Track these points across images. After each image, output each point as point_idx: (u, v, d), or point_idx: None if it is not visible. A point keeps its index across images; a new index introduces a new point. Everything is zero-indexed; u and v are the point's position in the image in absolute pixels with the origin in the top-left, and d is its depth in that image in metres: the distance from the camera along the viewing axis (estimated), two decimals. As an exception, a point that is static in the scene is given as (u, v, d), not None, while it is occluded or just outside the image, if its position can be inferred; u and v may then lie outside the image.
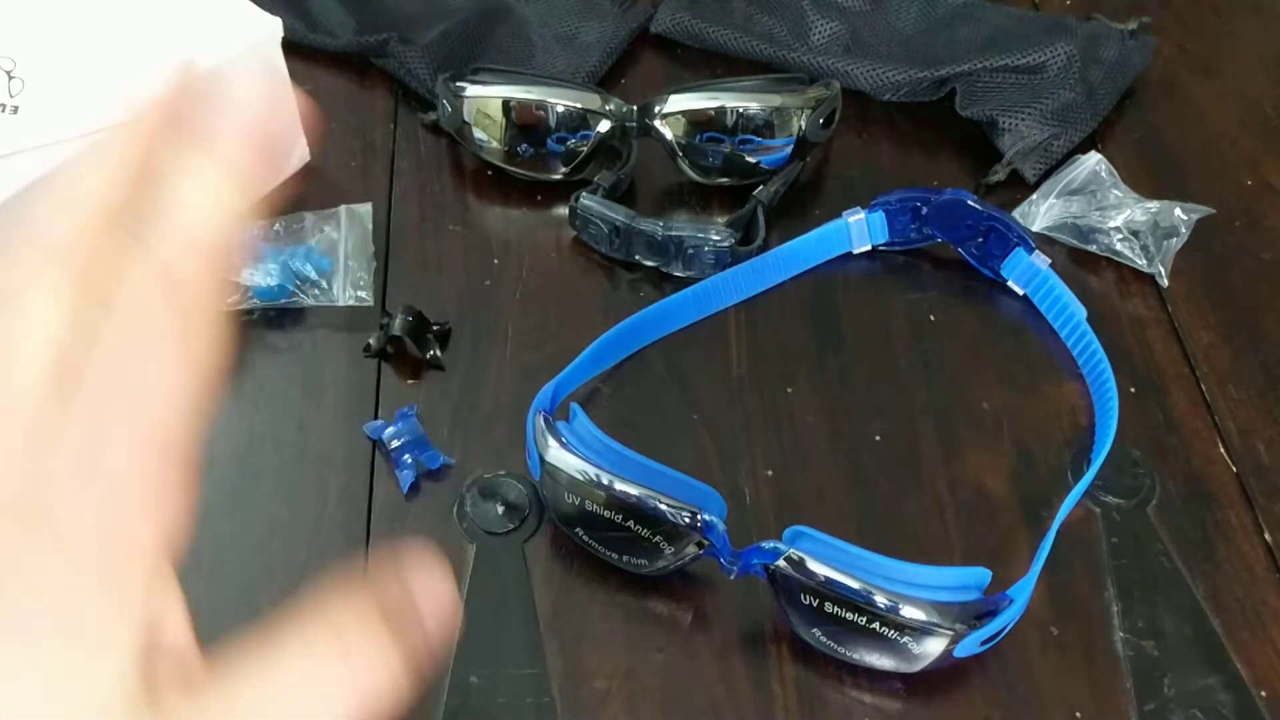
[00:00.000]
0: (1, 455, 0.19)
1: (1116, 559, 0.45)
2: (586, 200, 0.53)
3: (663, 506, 0.40)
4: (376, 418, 0.49)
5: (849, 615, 0.39)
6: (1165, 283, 0.54)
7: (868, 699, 0.42)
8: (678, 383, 0.51)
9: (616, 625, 0.43)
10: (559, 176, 0.57)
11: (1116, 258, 0.55)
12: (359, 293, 0.52)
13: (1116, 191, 0.55)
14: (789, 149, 0.56)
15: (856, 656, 0.41)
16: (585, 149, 0.56)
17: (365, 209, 0.55)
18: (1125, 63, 0.61)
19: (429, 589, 0.22)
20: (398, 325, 0.50)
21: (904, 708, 0.42)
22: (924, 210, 0.54)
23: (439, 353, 0.50)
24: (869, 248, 0.55)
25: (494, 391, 0.50)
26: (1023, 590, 0.40)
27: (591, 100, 0.55)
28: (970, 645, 0.39)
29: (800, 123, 0.55)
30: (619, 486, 0.41)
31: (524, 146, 0.56)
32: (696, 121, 0.55)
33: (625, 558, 0.43)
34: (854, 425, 0.49)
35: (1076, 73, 0.60)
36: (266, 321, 0.52)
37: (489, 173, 0.58)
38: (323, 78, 0.62)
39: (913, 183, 0.57)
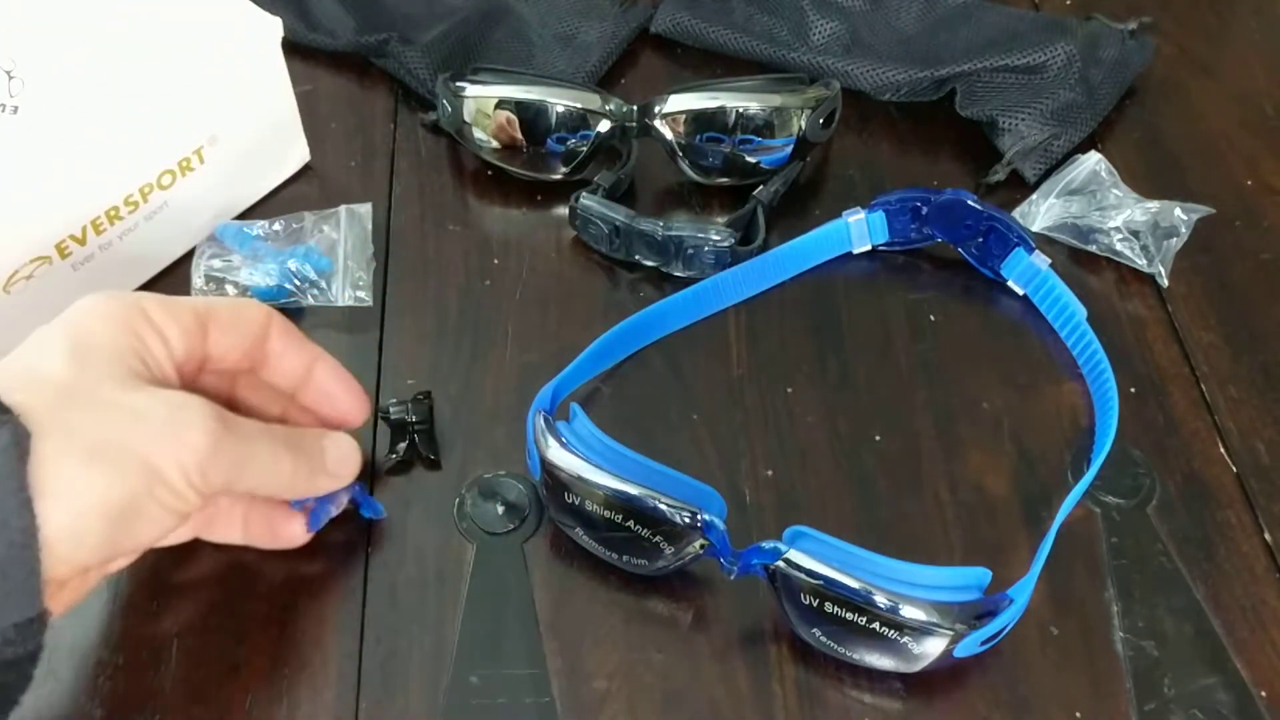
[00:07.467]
0: None
1: (1116, 559, 0.45)
2: (586, 200, 0.53)
3: (663, 506, 0.40)
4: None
5: (849, 615, 0.39)
6: (1165, 283, 0.54)
7: (868, 699, 0.42)
8: (678, 383, 0.51)
9: (616, 625, 0.43)
10: (559, 176, 0.57)
11: (1116, 258, 0.55)
12: (358, 293, 0.52)
13: (1116, 191, 0.56)
14: (789, 149, 0.56)
15: (856, 656, 0.41)
16: (585, 149, 0.56)
17: (365, 209, 0.55)
18: (1125, 63, 0.61)
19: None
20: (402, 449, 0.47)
21: (904, 708, 0.42)
22: (924, 210, 0.54)
23: (433, 455, 0.47)
24: (869, 248, 0.55)
25: (494, 391, 0.50)
26: (1023, 590, 0.40)
27: (591, 100, 0.55)
28: (970, 645, 0.39)
29: (800, 123, 0.55)
30: (619, 486, 0.41)
31: (524, 146, 0.56)
32: (696, 121, 0.55)
33: (625, 558, 0.43)
34: (854, 425, 0.49)
35: (1076, 73, 0.60)
36: (266, 321, 0.52)
37: (489, 173, 0.58)
38: (323, 78, 0.62)
39: (913, 183, 0.57)
